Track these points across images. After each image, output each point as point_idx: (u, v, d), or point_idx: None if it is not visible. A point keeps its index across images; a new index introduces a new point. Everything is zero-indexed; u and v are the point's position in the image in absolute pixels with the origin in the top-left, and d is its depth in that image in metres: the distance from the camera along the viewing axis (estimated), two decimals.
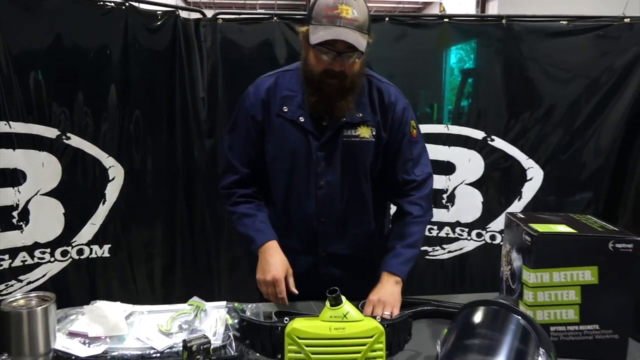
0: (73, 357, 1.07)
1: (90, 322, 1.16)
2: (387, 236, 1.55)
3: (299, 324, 1.05)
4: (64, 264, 2.14)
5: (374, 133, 1.45)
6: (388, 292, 1.37)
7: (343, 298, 1.07)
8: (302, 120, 1.43)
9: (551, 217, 1.31)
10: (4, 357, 1.06)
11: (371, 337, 1.04)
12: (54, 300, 1.02)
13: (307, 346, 1.03)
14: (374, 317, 1.09)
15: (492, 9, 8.99)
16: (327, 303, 1.07)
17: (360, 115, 1.44)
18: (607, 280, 1.15)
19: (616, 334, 1.18)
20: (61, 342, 1.08)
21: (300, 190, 1.46)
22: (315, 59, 1.36)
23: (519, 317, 1.03)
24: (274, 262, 1.37)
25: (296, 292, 1.36)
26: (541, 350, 0.98)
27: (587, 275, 1.15)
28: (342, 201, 1.46)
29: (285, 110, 1.44)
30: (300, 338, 1.03)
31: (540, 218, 1.29)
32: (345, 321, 1.05)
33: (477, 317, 1.05)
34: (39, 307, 0.99)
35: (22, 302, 1.01)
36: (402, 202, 1.54)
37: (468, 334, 1.02)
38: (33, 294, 1.03)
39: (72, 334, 1.13)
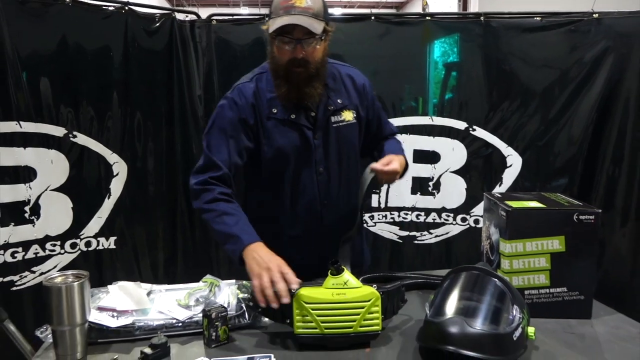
0: (105, 328, 1.20)
1: (117, 298, 1.29)
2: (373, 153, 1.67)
3: (305, 291, 1.19)
4: (74, 256, 2.26)
5: (355, 115, 1.59)
6: (399, 157, 1.53)
7: (343, 268, 1.22)
8: (294, 117, 1.51)
9: (524, 195, 1.47)
10: (45, 327, 1.19)
11: (368, 301, 1.19)
12: (88, 277, 1.15)
13: (313, 310, 1.17)
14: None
15: (474, 4, 9.17)
16: (329, 273, 1.22)
17: (340, 101, 1.56)
18: (573, 248, 1.31)
19: (582, 295, 1.34)
20: (93, 316, 1.21)
21: (305, 181, 1.55)
22: (278, 51, 1.45)
23: (496, 280, 1.19)
24: (270, 256, 1.29)
25: (296, 286, 1.23)
26: (515, 307, 1.14)
27: (556, 244, 1.31)
28: (338, 184, 1.58)
29: (275, 111, 1.50)
30: (306, 303, 1.18)
31: (514, 197, 1.45)
32: (346, 288, 1.20)
33: (461, 280, 1.21)
34: (76, 283, 1.12)
35: (60, 279, 1.13)
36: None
37: (453, 295, 1.17)
38: (69, 272, 1.16)
39: (101, 309, 1.26)
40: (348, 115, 1.57)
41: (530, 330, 1.15)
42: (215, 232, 1.42)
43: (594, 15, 2.43)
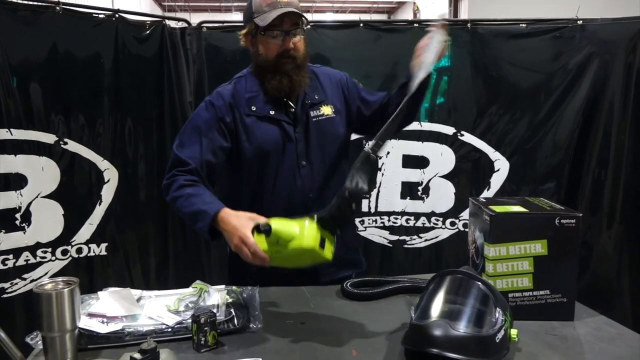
0: (95, 334, 1.22)
1: (107, 304, 1.30)
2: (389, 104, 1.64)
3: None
4: (65, 263, 2.27)
5: (334, 110, 1.65)
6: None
7: (271, 226, 1.23)
8: (272, 113, 1.57)
9: (508, 200, 1.50)
10: (35, 333, 1.20)
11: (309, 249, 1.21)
12: (78, 283, 1.16)
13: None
14: None
15: (464, 8, 9.26)
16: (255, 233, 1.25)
17: (317, 97, 1.63)
18: (555, 251, 1.34)
19: (564, 298, 1.36)
20: (83, 322, 1.22)
21: (287, 174, 1.59)
22: (266, 47, 1.53)
23: (479, 283, 1.21)
24: (236, 223, 1.30)
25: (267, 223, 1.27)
26: (498, 310, 1.16)
27: (538, 247, 1.34)
28: (324, 175, 1.62)
29: (254, 109, 1.57)
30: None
31: (498, 201, 1.48)
32: (282, 244, 1.23)
33: (445, 284, 1.23)
34: (66, 289, 1.13)
35: (50, 285, 1.15)
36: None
37: (437, 299, 1.20)
38: (59, 279, 1.17)
39: (91, 315, 1.28)
40: (326, 110, 1.63)
41: (513, 332, 1.17)
42: (186, 217, 1.46)
43: (578, 22, 2.49)
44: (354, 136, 1.79)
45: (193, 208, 1.41)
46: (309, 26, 1.60)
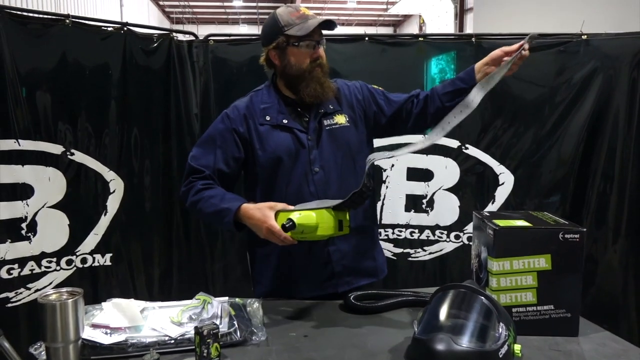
0: (98, 345, 1.22)
1: (111, 315, 1.31)
2: (431, 99, 1.71)
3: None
4: (69, 272, 2.27)
5: (348, 119, 1.69)
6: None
7: (294, 221, 1.37)
8: (285, 122, 1.64)
9: (512, 214, 1.50)
10: (38, 343, 1.20)
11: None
12: (82, 294, 1.17)
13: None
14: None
15: (469, 22, 9.31)
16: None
17: (332, 107, 1.68)
18: (559, 266, 1.33)
19: (569, 313, 1.36)
20: (86, 333, 1.23)
21: (300, 180, 1.63)
22: (297, 57, 1.61)
23: (483, 298, 1.21)
24: (260, 215, 1.44)
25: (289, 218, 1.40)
26: (501, 324, 1.16)
27: (542, 262, 1.34)
28: (337, 181, 1.64)
29: (268, 118, 1.64)
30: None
31: (502, 215, 1.48)
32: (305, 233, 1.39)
33: (448, 298, 1.23)
34: (70, 300, 1.14)
35: (54, 296, 1.16)
36: (422, 100, 1.73)
37: (440, 313, 1.19)
38: (64, 289, 1.18)
39: (95, 326, 1.28)
40: (341, 119, 1.69)
41: (517, 347, 1.17)
42: (209, 217, 1.59)
43: (582, 36, 2.49)
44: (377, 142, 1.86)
45: (215, 208, 1.54)
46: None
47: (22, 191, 2.11)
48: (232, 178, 1.67)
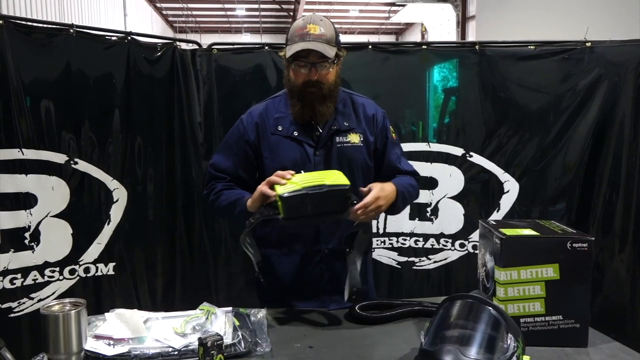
0: (101, 356, 1.21)
1: (114, 326, 1.30)
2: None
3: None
4: (72, 282, 2.26)
5: (362, 139, 1.68)
6: (387, 190, 1.58)
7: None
8: (296, 134, 1.64)
9: (519, 222, 1.48)
10: (41, 355, 1.19)
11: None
12: (85, 305, 1.16)
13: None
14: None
15: (471, 30, 9.33)
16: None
17: (347, 124, 1.67)
18: (567, 276, 1.32)
19: (577, 323, 1.34)
20: (89, 344, 1.22)
21: None
22: (294, 74, 1.60)
23: (490, 308, 1.19)
24: (257, 188, 1.51)
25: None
26: (509, 336, 1.14)
27: (550, 271, 1.32)
28: None
29: (280, 129, 1.65)
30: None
31: (509, 224, 1.46)
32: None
33: (455, 308, 1.21)
34: (73, 311, 1.13)
35: (57, 307, 1.15)
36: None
37: (447, 324, 1.18)
38: (67, 300, 1.17)
39: (98, 337, 1.27)
40: (354, 138, 1.68)
41: (526, 358, 1.15)
42: (225, 209, 1.64)
43: (586, 44, 2.48)
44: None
45: (229, 200, 1.62)
46: (343, 55, 1.63)
47: (25, 200, 2.10)
48: (251, 182, 1.67)
